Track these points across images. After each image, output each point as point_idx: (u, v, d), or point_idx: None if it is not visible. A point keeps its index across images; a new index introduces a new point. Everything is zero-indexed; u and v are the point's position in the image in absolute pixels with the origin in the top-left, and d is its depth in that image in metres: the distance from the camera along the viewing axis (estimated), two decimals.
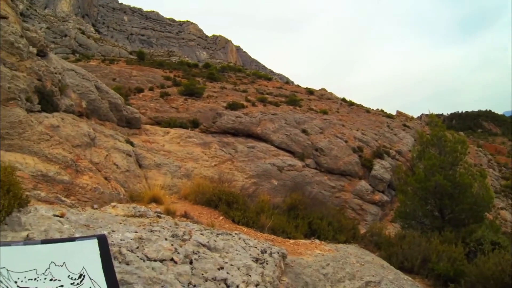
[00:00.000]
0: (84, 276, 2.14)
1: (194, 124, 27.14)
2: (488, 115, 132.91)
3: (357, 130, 34.27)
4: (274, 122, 28.52)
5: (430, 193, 12.57)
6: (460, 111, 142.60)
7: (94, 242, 2.35)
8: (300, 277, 5.02)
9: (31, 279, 2.01)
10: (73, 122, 11.86)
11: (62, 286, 2.06)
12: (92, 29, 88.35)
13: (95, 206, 7.73)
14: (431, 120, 16.51)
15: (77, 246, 2.27)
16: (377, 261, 7.07)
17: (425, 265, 8.17)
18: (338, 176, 26.48)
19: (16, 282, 1.96)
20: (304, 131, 29.15)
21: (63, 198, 7.14)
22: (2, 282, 1.91)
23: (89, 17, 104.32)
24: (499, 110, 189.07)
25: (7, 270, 1.96)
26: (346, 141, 29.75)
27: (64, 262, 2.13)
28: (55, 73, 12.34)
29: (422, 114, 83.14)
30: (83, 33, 74.38)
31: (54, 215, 3.64)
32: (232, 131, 26.16)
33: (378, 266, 6.49)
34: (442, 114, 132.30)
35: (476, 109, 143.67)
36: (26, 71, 10.35)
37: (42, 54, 12.40)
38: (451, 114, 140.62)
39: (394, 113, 59.14)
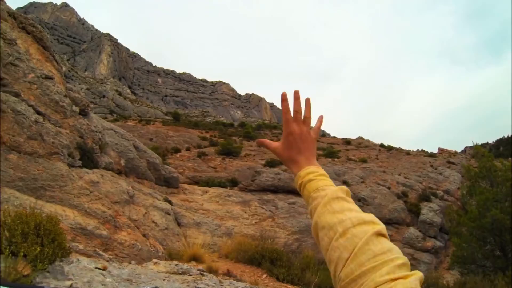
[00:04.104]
0: None
1: (233, 183, 27.02)
2: None
3: (399, 175, 33.17)
4: None
5: (488, 230, 11.43)
6: (506, 136, 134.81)
7: None
8: None
9: None
10: (112, 179, 11.83)
11: None
12: (128, 90, 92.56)
13: (133, 262, 7.39)
14: (476, 151, 15.68)
15: None
16: None
17: None
18: (384, 225, 25.20)
19: None
20: (344, 182, 28.48)
21: (101, 252, 6.86)
22: None
23: (125, 79, 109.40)
24: None
25: None
26: (389, 188, 28.79)
27: None
28: (96, 131, 12.56)
29: (466, 147, 79.08)
30: (120, 94, 77.79)
31: (96, 268, 3.37)
32: (272, 188, 25.71)
33: None
34: (487, 143, 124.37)
35: None
36: (69, 128, 10.53)
37: (83, 113, 12.73)
38: (497, 140, 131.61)
39: (435, 151, 57.10)
